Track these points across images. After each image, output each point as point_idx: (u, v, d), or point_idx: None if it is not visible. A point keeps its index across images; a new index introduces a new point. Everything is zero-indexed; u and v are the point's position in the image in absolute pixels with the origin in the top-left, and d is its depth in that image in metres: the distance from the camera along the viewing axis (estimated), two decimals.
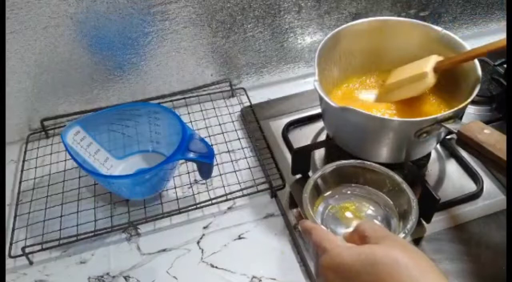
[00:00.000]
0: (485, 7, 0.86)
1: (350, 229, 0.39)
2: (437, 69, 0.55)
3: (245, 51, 0.76)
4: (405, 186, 0.49)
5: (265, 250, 0.56)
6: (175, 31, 0.69)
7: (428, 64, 0.56)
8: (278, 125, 0.71)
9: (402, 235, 0.45)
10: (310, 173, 0.63)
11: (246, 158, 0.67)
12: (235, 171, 0.65)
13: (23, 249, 0.55)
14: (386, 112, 0.60)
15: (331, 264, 0.35)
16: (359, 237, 0.37)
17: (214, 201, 0.60)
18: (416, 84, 0.57)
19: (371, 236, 0.36)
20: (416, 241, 0.55)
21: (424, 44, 0.61)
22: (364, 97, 0.64)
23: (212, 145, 0.62)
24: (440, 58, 0.56)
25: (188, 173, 0.66)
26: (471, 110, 0.71)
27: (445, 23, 0.85)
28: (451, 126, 0.49)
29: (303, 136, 0.69)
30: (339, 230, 0.48)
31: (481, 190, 0.59)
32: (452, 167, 0.63)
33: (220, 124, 0.73)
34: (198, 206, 0.60)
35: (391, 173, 0.50)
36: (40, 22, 0.61)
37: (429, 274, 0.32)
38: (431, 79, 0.55)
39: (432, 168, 0.63)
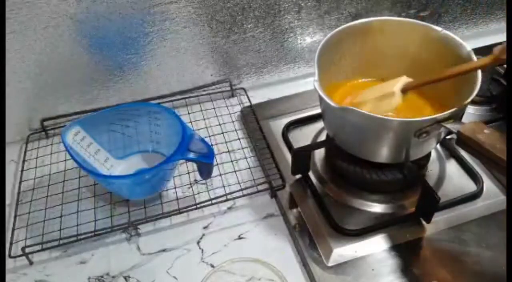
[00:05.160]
0: (485, 7, 0.86)
1: None
2: (404, 90, 0.56)
3: (245, 51, 0.76)
4: None
5: (265, 250, 0.56)
6: (175, 31, 0.69)
7: (397, 84, 0.56)
8: (278, 125, 0.71)
9: None
10: (310, 173, 0.63)
11: (246, 158, 0.67)
12: (235, 171, 0.65)
13: (23, 249, 0.55)
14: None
15: None
16: None
17: (214, 201, 0.60)
18: (384, 103, 0.57)
19: None
20: (416, 241, 0.55)
21: (424, 44, 0.61)
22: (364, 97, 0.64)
23: (212, 145, 0.62)
24: (409, 79, 0.56)
25: (188, 173, 0.66)
26: (471, 110, 0.71)
27: (445, 23, 0.85)
28: (451, 126, 0.49)
29: (303, 136, 0.69)
30: None
31: (481, 190, 0.60)
32: (452, 167, 0.63)
33: (220, 125, 0.73)
34: (198, 206, 0.60)
35: None
36: (40, 22, 0.61)
37: None
38: (397, 99, 0.56)
39: (432, 168, 0.63)
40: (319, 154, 0.66)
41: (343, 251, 0.54)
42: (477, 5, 0.85)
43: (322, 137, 0.68)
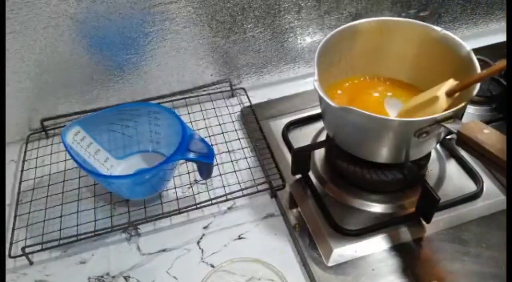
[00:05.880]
0: (485, 7, 0.86)
1: None
2: (450, 93, 0.54)
3: (245, 51, 0.76)
4: None
5: (265, 250, 0.56)
6: (175, 31, 0.69)
7: (442, 88, 0.54)
8: (278, 125, 0.71)
9: None
10: (310, 173, 0.63)
11: (246, 158, 0.67)
12: (235, 171, 0.65)
13: (23, 249, 0.55)
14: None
15: None
16: None
17: (214, 201, 0.60)
18: (430, 109, 0.55)
19: None
20: (416, 241, 0.55)
21: (424, 44, 0.61)
22: (364, 97, 0.64)
23: (212, 145, 0.62)
24: (455, 82, 0.55)
25: (188, 173, 0.66)
26: (471, 110, 0.71)
27: (445, 23, 0.85)
28: (451, 126, 0.49)
29: (303, 136, 0.69)
30: None
31: (481, 190, 0.60)
32: (452, 167, 0.63)
33: (220, 125, 0.73)
34: (198, 206, 0.60)
35: None
36: (40, 22, 0.61)
37: None
38: (442, 104, 0.54)
39: (432, 168, 0.63)
40: (319, 154, 0.66)
41: (343, 251, 0.54)
42: (477, 5, 0.85)
43: (322, 137, 0.68)
